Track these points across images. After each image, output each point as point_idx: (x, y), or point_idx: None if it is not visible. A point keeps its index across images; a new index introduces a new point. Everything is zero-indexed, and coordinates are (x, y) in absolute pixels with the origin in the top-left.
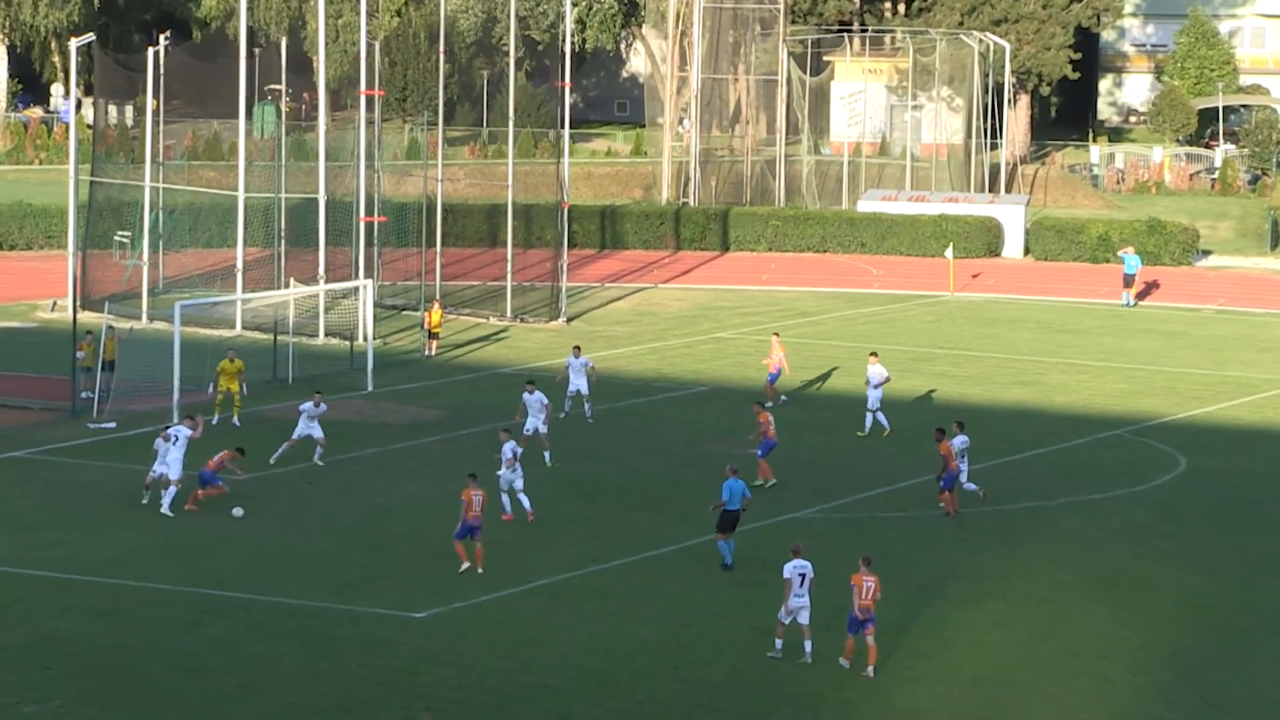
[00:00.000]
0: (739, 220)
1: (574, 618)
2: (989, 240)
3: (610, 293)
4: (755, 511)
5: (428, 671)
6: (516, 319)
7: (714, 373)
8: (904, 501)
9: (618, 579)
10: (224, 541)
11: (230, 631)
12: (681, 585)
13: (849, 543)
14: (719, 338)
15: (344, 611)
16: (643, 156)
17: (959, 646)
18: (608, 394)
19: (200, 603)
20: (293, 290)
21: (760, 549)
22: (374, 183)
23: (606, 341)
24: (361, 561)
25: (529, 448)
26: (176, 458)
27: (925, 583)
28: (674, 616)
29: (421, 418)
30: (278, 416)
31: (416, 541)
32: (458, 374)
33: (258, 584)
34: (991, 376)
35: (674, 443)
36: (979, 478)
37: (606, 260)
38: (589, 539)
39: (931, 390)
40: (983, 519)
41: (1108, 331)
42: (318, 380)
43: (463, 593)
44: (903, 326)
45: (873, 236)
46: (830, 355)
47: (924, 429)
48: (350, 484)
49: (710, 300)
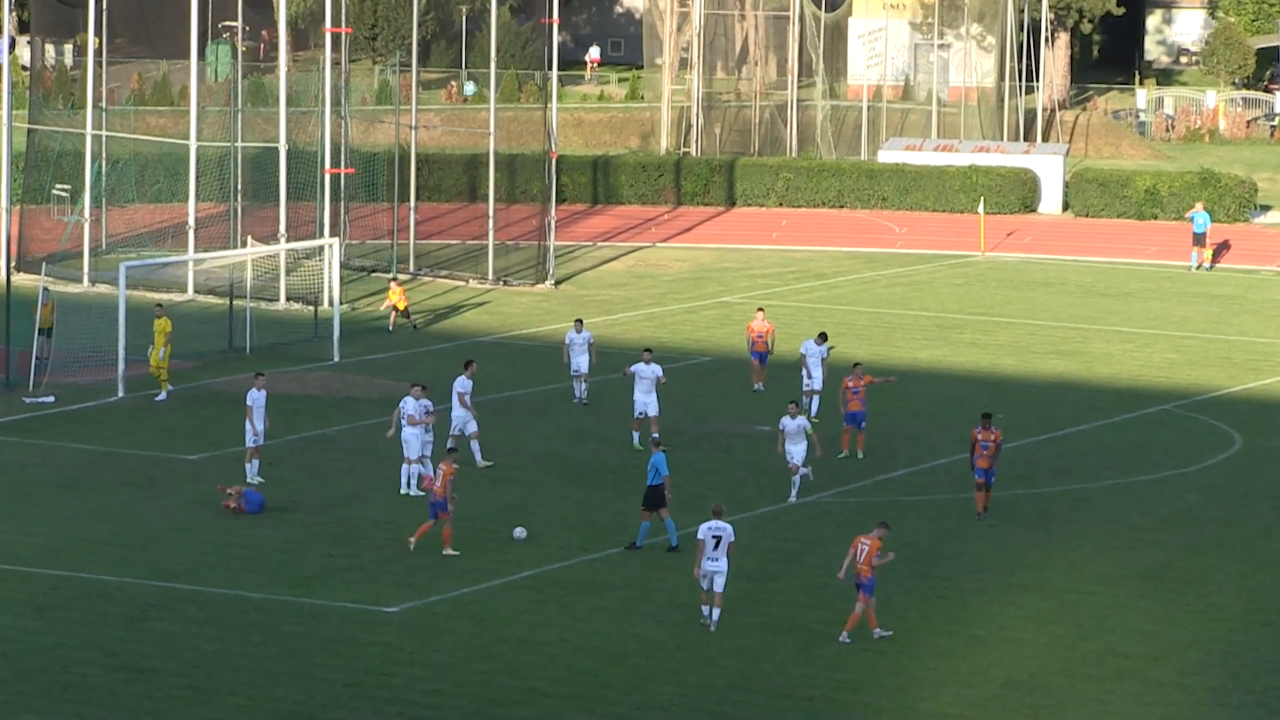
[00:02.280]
0: (746, 172)
1: (563, 614)
2: (1024, 194)
3: (603, 252)
4: (764, 496)
5: (399, 673)
6: (499, 282)
7: (719, 342)
8: (929, 484)
9: (612, 571)
10: (173, 530)
11: (179, 629)
12: (682, 578)
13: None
14: (724, 303)
15: (306, 606)
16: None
17: (990, 646)
18: (600, 366)
19: (146, 597)
20: (250, 250)
21: (769, 537)
22: (341, 130)
23: (599, 307)
24: (326, 551)
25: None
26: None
27: (953, 574)
28: (674, 613)
29: (394, 392)
30: (232, 391)
31: (388, 529)
32: (434, 343)
33: (210, 576)
34: (1027, 345)
35: (674, 420)
36: (1012, 458)
37: (599, 216)
38: (580, 526)
39: (960, 361)
40: (1017, 504)
41: (1156, 295)
42: (278, 350)
43: (439, 586)
44: (928, 290)
45: (895, 190)
46: (848, 322)
47: (951, 404)
48: (314, 466)
49: (714, 261)
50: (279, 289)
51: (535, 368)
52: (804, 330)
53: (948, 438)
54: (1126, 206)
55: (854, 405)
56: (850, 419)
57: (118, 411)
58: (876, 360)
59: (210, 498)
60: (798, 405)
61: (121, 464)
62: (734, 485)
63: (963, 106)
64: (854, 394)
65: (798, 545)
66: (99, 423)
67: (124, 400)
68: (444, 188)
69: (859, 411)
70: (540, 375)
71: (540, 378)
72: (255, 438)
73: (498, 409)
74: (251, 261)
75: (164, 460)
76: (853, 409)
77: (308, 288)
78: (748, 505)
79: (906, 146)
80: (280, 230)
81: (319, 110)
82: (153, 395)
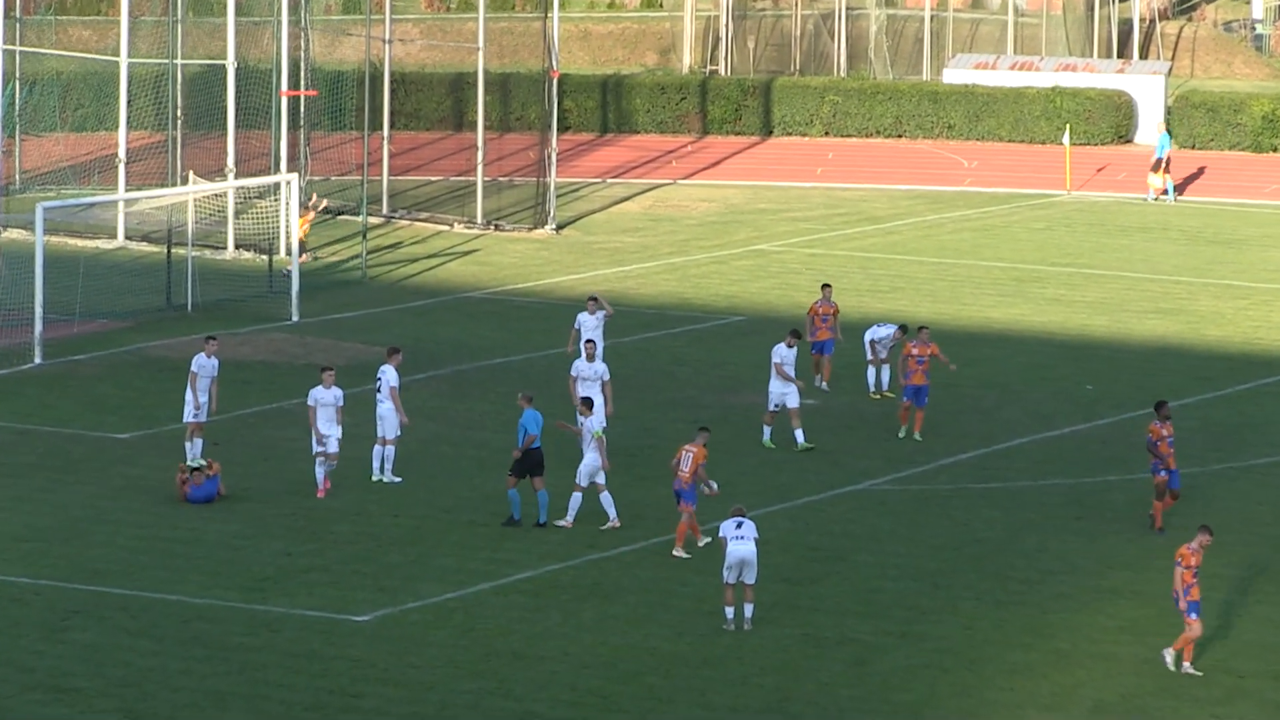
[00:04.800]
0: (785, 95)
1: (566, 623)
2: (1117, 121)
3: (614, 191)
4: (805, 483)
5: (370, 693)
6: (489, 226)
7: (752, 298)
8: (1004, 468)
9: (624, 573)
10: (99, 522)
11: (107, 640)
12: (708, 581)
13: (930, 522)
14: (758, 251)
15: (259, 614)
16: (657, 10)
17: (1076, 662)
18: (612, 328)
19: (68, 602)
20: (192, 188)
21: (812, 532)
22: (300, 45)
23: (610, 256)
24: (283, 548)
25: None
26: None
27: (1031, 577)
28: (698, 622)
29: (363, 357)
30: (171, 357)
31: (356, 522)
32: (410, 299)
33: (144, 578)
34: (1121, 303)
35: (699, 391)
36: (1102, 436)
37: (609, 148)
38: (585, 519)
39: (1042, 321)
40: (1109, 492)
41: (1275, 243)
42: (226, 307)
43: (417, 590)
44: (1003, 236)
45: (963, 116)
46: (906, 275)
47: (1029, 372)
48: (269, 446)
49: (747, 201)
50: (226, 235)
51: (531, 329)
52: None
53: (1025, 412)
54: (1240, 136)
55: (918, 378)
56: (911, 394)
57: (34, 381)
58: (941, 321)
59: (144, 483)
60: (797, 334)
61: (38, 443)
62: (769, 470)
63: (1044, 16)
64: (919, 364)
65: (846, 541)
66: (12, 394)
67: (42, 368)
68: (424, 114)
69: (923, 386)
70: (537, 338)
71: (537, 341)
72: (196, 412)
73: (486, 379)
74: (194, 202)
75: (89, 439)
76: (916, 382)
77: (260, 233)
78: (786, 493)
79: (977, 64)
80: (228, 164)
81: (274, 20)
82: (76, 361)
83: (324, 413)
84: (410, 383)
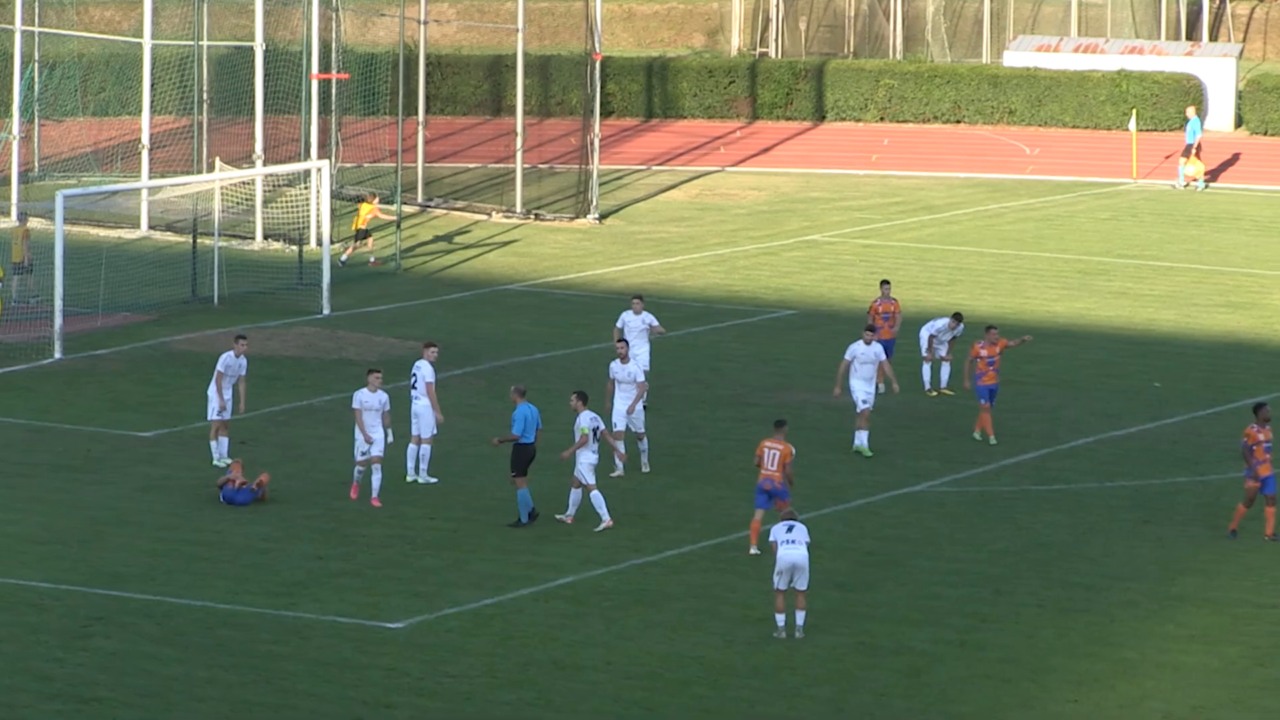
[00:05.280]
0: (839, 78)
1: (609, 631)
2: (1186, 106)
3: (660, 178)
4: (860, 483)
5: (404, 704)
6: (529, 215)
7: (804, 290)
8: (1068, 469)
9: (669, 578)
10: (122, 524)
11: (129, 647)
12: (758, 587)
13: (990, 526)
14: (810, 241)
15: (288, 620)
16: None
17: (1144, 672)
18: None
19: (88, 607)
20: (219, 175)
21: (867, 536)
22: (331, 26)
23: (654, 247)
24: (312, 552)
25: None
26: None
27: (1097, 583)
28: (747, 630)
29: (397, 352)
30: (196, 351)
31: (390, 525)
32: (446, 292)
33: (168, 582)
34: (1190, 296)
35: (747, 390)
36: (1172, 436)
37: (654, 134)
38: (629, 522)
39: (1107, 315)
40: (1178, 494)
41: None
42: (254, 301)
43: (453, 595)
44: (1067, 227)
45: (1025, 101)
46: (965, 267)
47: (1094, 369)
48: (299, 444)
49: (798, 189)
50: (254, 224)
51: (573, 323)
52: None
53: (1090, 410)
54: None
55: (989, 378)
56: (987, 395)
57: (54, 376)
58: (1002, 316)
59: (167, 483)
60: (872, 329)
61: (57, 442)
62: (822, 470)
63: None
64: (989, 364)
65: (902, 546)
66: (30, 390)
67: (62, 363)
68: (461, 98)
69: (995, 386)
70: (579, 333)
71: (579, 335)
72: (221, 409)
73: (525, 375)
74: (220, 189)
75: (110, 437)
76: (988, 383)
77: (290, 222)
78: (840, 495)
79: (1039, 47)
80: (256, 151)
81: (304, 0)
82: (97, 356)
83: (369, 417)
84: (446, 379)
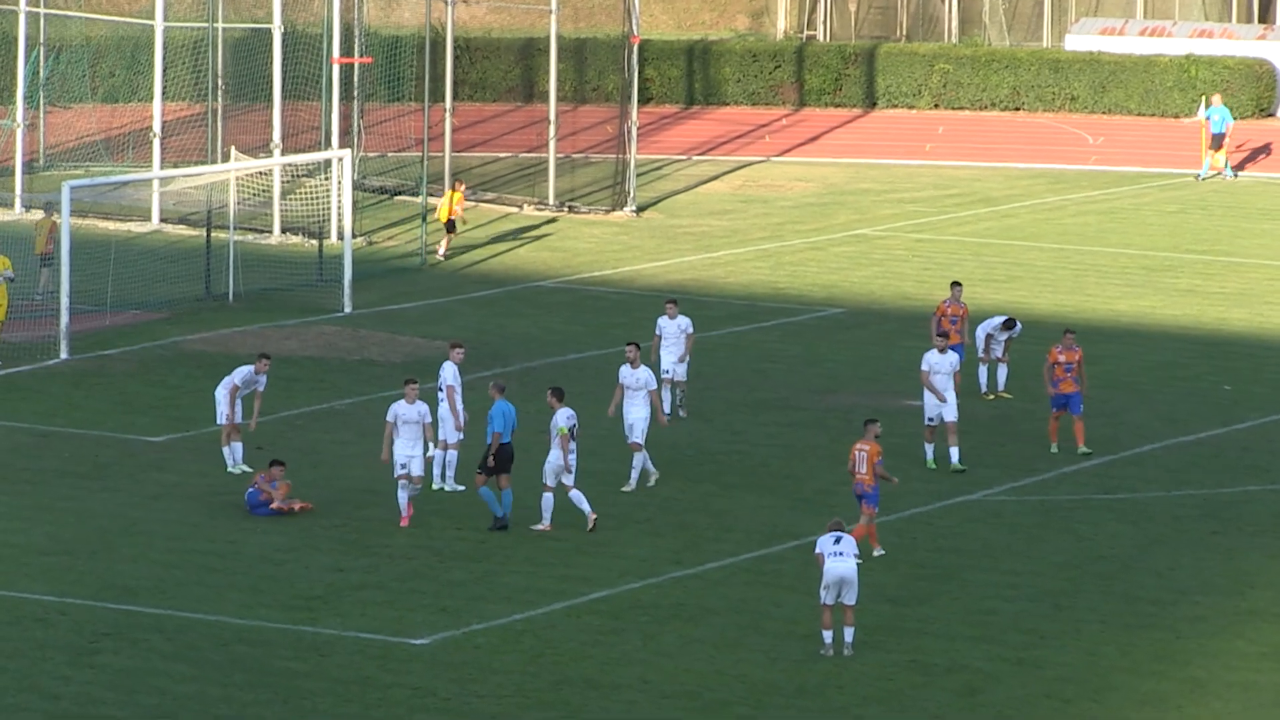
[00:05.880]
0: (890, 63)
1: (646, 647)
2: (1259, 93)
3: (701, 169)
4: (914, 493)
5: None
6: (562, 208)
7: (853, 288)
8: (1132, 477)
9: (710, 591)
10: (130, 534)
11: (140, 664)
12: (805, 601)
13: (1050, 537)
14: (860, 235)
15: (307, 636)
16: None
17: (1213, 692)
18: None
19: (96, 622)
20: (234, 165)
21: (920, 547)
22: (354, 7)
23: (695, 241)
24: (333, 563)
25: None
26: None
27: (1163, 597)
28: (792, 646)
29: (422, 352)
30: (210, 352)
31: (415, 535)
32: (474, 288)
33: (180, 595)
34: (1262, 294)
35: (793, 392)
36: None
37: (695, 121)
38: (668, 531)
39: (1174, 314)
40: (1249, 503)
41: None
42: (271, 298)
43: (481, 610)
44: (1131, 220)
45: (1087, 87)
46: (1025, 263)
47: (1160, 371)
48: (318, 450)
49: (848, 180)
50: (271, 217)
51: (609, 321)
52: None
53: (1156, 414)
54: None
55: (1067, 385)
56: (1062, 403)
57: (60, 378)
58: (1062, 315)
59: (179, 491)
60: (944, 337)
61: (64, 447)
62: None
63: None
64: (1066, 370)
65: (957, 558)
66: (35, 393)
67: (68, 363)
68: (490, 83)
69: (1074, 394)
70: (615, 332)
71: (615, 335)
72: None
73: (558, 377)
74: (235, 180)
75: (118, 442)
76: (1066, 390)
77: (310, 215)
78: (891, 504)
79: (1103, 29)
80: (273, 139)
81: None
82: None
83: (407, 431)
84: (474, 380)
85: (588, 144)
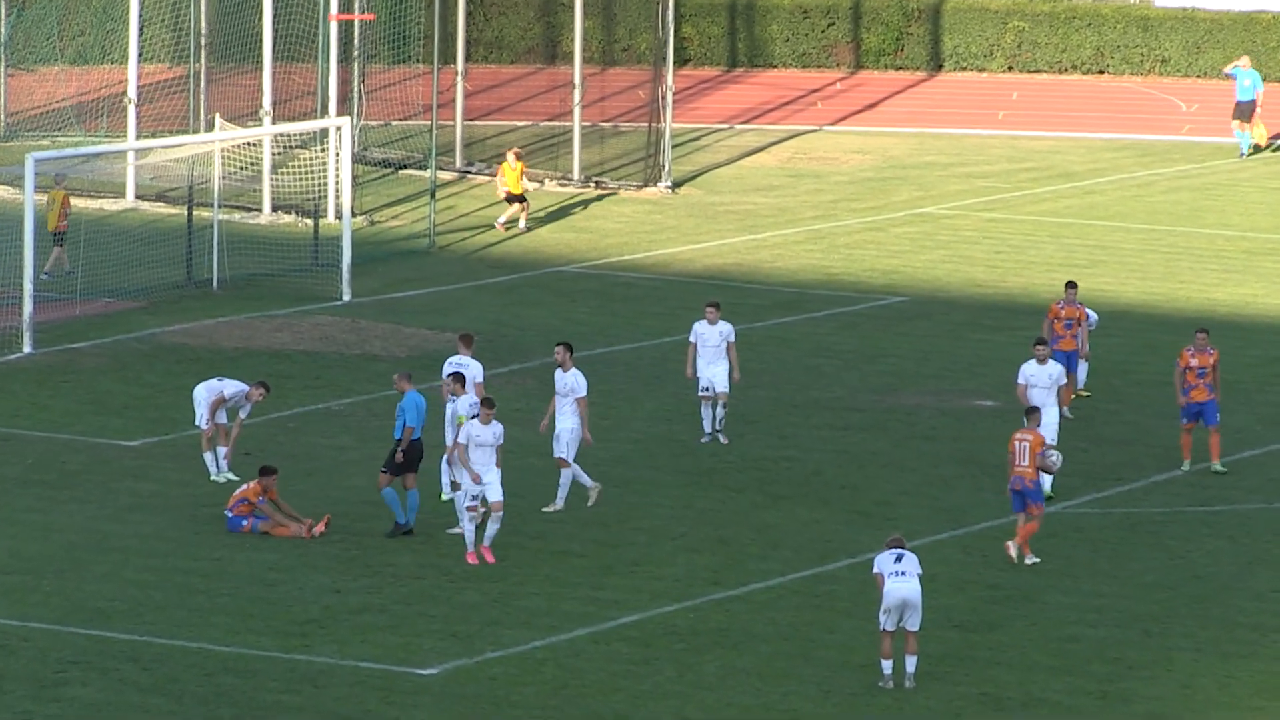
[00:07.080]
0: (958, 20)
1: (682, 679)
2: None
3: (745, 139)
4: (983, 505)
5: None
6: (589, 183)
7: (917, 274)
8: (1231, 488)
9: (755, 615)
10: (105, 551)
11: (113, 697)
12: (861, 626)
13: (1139, 554)
14: (924, 214)
15: (300, 665)
16: None
17: None
18: (741, 310)
19: (63, 649)
20: (219, 135)
21: (991, 567)
22: None
23: (738, 221)
24: (330, 584)
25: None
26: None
27: (1264, 623)
28: (847, 677)
29: (429, 345)
30: (193, 345)
31: (422, 552)
32: (489, 274)
33: (158, 620)
34: None
35: (848, 391)
36: None
37: (738, 85)
38: (706, 548)
39: (1277, 304)
40: None
41: None
42: (261, 284)
43: (497, 636)
44: (1230, 197)
45: (1180, 48)
46: (1110, 245)
47: (1263, 367)
48: (314, 456)
49: (910, 153)
50: (261, 193)
51: (641, 310)
52: (1043, 256)
53: (1258, 416)
54: None
55: (1199, 394)
56: (1194, 413)
57: (23, 374)
58: (1153, 304)
59: (157, 502)
60: (1042, 343)
61: (27, 452)
62: (937, 488)
63: None
64: (1199, 377)
65: (1033, 578)
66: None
67: (33, 358)
68: (508, 43)
69: (1208, 402)
70: (648, 322)
71: (648, 326)
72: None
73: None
74: (221, 152)
75: (89, 446)
76: (1198, 399)
77: (304, 191)
78: (959, 518)
79: None
80: (263, 106)
81: None
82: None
83: (480, 455)
84: (490, 377)
85: (617, 111)
